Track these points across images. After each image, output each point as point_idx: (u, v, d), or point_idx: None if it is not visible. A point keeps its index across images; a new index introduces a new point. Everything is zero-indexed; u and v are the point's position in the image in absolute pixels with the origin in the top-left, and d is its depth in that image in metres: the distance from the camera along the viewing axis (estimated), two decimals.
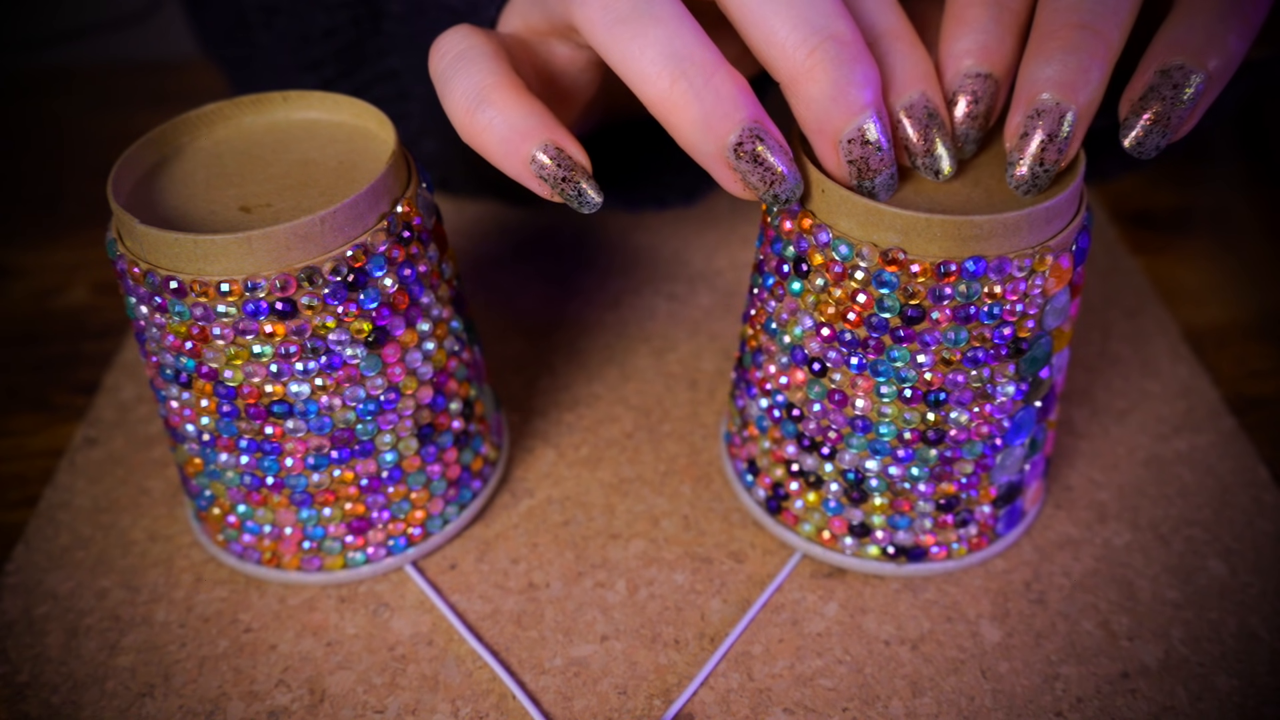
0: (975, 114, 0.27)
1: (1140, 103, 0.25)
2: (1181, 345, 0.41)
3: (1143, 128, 0.25)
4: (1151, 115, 0.25)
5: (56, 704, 0.30)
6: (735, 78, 0.25)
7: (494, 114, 0.26)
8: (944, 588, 0.33)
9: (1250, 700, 0.29)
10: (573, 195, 0.27)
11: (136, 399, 0.40)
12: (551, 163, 0.26)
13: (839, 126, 0.25)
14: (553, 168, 0.26)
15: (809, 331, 0.29)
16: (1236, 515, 0.35)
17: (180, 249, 0.26)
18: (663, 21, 0.25)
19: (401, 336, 0.30)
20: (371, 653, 0.31)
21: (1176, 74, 0.25)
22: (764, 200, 0.26)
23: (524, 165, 0.26)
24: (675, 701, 0.29)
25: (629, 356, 0.42)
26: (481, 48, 0.27)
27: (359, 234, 0.28)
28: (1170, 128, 0.25)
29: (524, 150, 0.26)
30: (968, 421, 0.29)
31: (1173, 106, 0.25)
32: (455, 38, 0.28)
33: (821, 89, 0.25)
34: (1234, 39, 0.25)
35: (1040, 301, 0.27)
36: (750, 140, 0.25)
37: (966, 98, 0.27)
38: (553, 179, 0.26)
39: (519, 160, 0.26)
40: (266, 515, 0.31)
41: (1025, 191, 0.27)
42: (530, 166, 0.26)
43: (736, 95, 0.25)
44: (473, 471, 0.34)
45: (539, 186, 0.27)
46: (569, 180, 0.26)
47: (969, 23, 0.27)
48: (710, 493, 0.36)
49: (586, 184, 0.27)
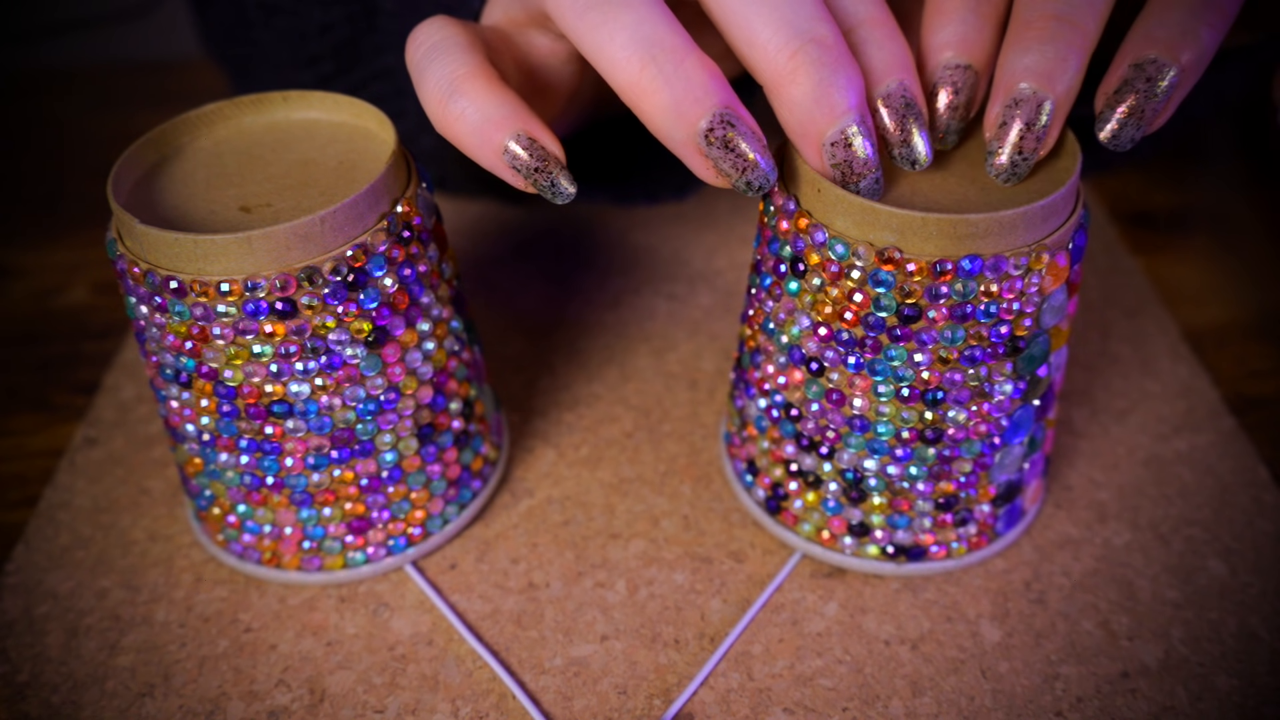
0: (956, 105, 0.28)
1: (1115, 96, 0.26)
2: (1181, 345, 0.41)
3: (1118, 121, 0.26)
4: (1126, 109, 0.25)
5: (56, 704, 0.30)
6: (706, 63, 0.25)
7: (466, 104, 0.26)
8: (944, 587, 0.33)
9: (1250, 700, 0.29)
10: (546, 186, 0.27)
11: (136, 399, 0.40)
12: (524, 153, 0.26)
13: (822, 129, 0.25)
14: (525, 158, 0.26)
15: (806, 331, 0.29)
16: (1236, 515, 0.35)
17: (180, 249, 0.27)
18: (632, 7, 0.25)
19: (401, 336, 0.30)
20: (371, 653, 0.31)
21: (1150, 68, 0.25)
22: (737, 188, 0.26)
23: (497, 155, 0.26)
24: (675, 701, 0.29)
25: (629, 356, 0.42)
26: (456, 38, 0.27)
27: (359, 234, 0.28)
28: (1145, 120, 0.25)
29: (496, 140, 0.26)
30: (966, 420, 0.29)
31: (1146, 100, 0.25)
32: (431, 29, 0.28)
33: (804, 92, 0.25)
34: (1207, 32, 0.25)
35: (1037, 300, 0.27)
36: (721, 126, 0.25)
37: (947, 89, 0.27)
38: (526, 169, 0.26)
39: (492, 150, 0.26)
40: (266, 515, 0.31)
41: (1005, 180, 0.27)
42: (503, 157, 0.26)
43: (707, 81, 0.25)
44: (473, 471, 0.34)
45: (512, 177, 0.27)
46: (542, 170, 0.26)
47: (948, 14, 0.27)
48: (710, 493, 0.36)
49: (560, 175, 0.26)
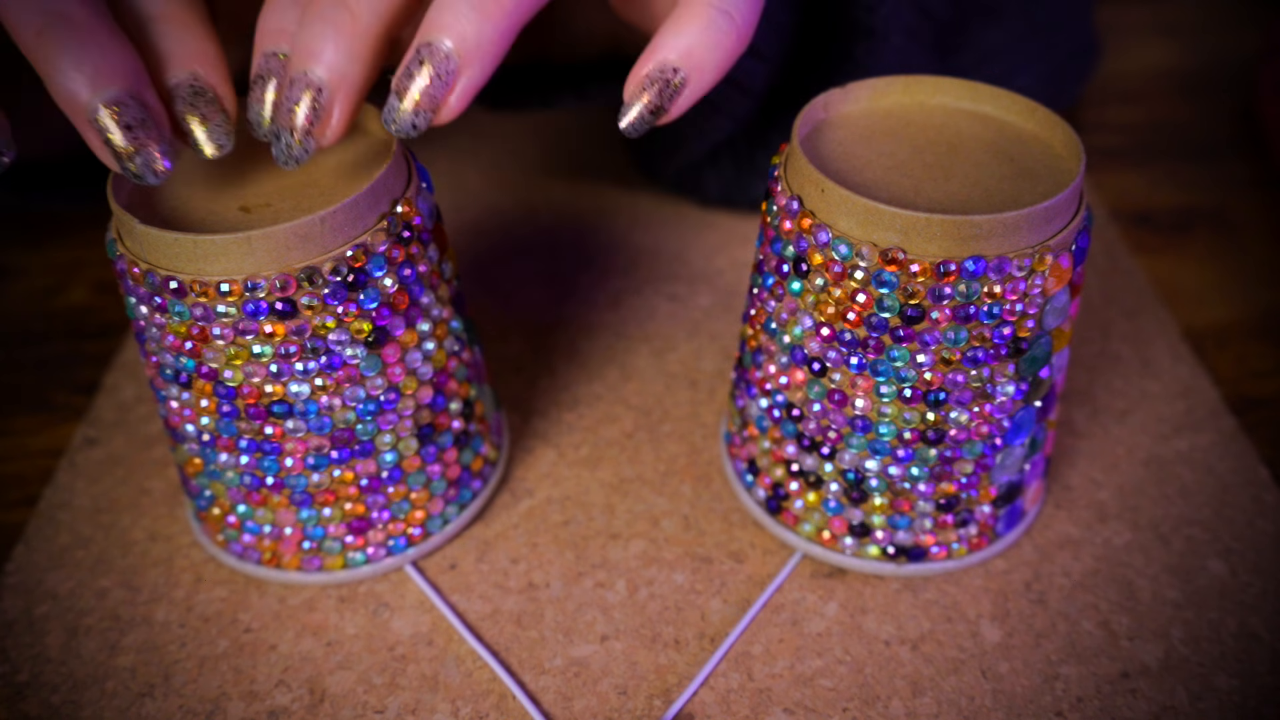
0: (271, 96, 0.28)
1: (635, 91, 0.27)
2: (1181, 345, 0.41)
3: (637, 113, 0.27)
4: (646, 105, 0.27)
5: (56, 704, 0.30)
6: (115, 43, 0.25)
7: None
8: (944, 588, 0.33)
9: (1250, 700, 0.29)
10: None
11: (136, 399, 0.40)
12: None
13: (79, 107, 0.25)
14: None
15: (809, 331, 0.29)
16: (1236, 515, 0.35)
17: (180, 249, 0.26)
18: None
19: (401, 336, 0.30)
20: (371, 653, 0.31)
21: (669, 72, 0.27)
22: (125, 171, 0.26)
23: None
24: (675, 702, 0.29)
25: (629, 356, 0.42)
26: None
27: (359, 234, 0.28)
28: (658, 116, 0.27)
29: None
30: (968, 421, 0.29)
31: (662, 97, 0.27)
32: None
33: (54, 69, 0.25)
34: (718, 54, 0.27)
35: (1040, 301, 0.27)
36: (113, 108, 0.25)
37: (275, 80, 0.28)
38: None
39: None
40: (266, 515, 0.31)
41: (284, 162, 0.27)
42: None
43: (110, 61, 0.25)
44: (473, 471, 0.34)
45: None
46: None
47: (271, 5, 0.28)
48: (710, 493, 0.36)
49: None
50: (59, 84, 0.25)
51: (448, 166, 0.53)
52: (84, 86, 0.25)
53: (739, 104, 0.38)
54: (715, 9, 0.26)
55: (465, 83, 0.26)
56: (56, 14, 0.25)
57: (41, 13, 0.25)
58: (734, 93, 0.37)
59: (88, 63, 0.25)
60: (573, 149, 0.54)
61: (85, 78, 0.25)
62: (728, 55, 0.27)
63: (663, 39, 0.27)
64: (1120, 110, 0.58)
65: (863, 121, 0.31)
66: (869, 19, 0.40)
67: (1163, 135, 0.56)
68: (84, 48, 0.25)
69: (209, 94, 0.28)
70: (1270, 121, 0.53)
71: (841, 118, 0.31)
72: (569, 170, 0.53)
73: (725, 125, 0.39)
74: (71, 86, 0.25)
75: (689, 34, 0.26)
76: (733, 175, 0.46)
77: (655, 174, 0.50)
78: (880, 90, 0.31)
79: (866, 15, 0.40)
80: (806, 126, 0.30)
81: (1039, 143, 0.30)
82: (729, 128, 0.40)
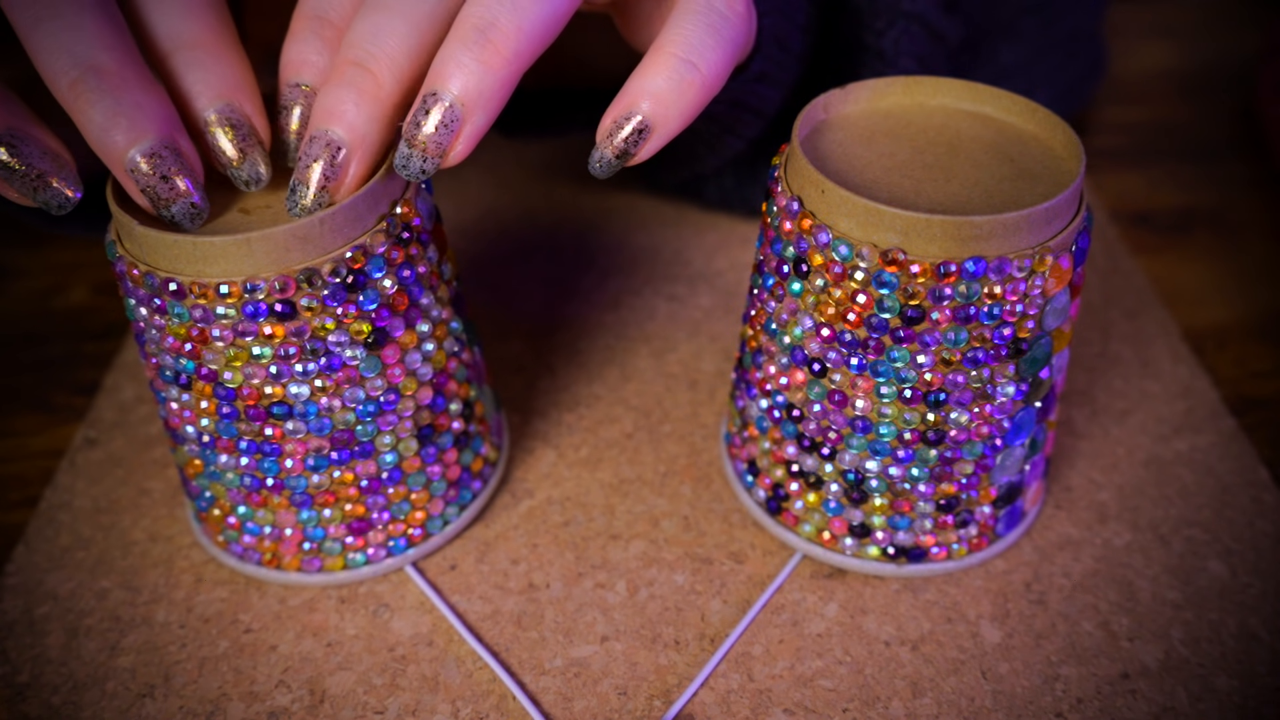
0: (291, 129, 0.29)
1: (603, 137, 0.27)
2: (1181, 346, 0.41)
3: (601, 157, 0.28)
4: (612, 150, 0.27)
5: (57, 704, 0.30)
6: (150, 93, 0.25)
7: None
8: (944, 588, 0.33)
9: (1250, 700, 0.29)
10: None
11: (136, 399, 0.40)
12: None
13: (118, 156, 0.25)
14: None
15: (809, 332, 0.29)
16: (1236, 516, 0.35)
17: (179, 251, 0.26)
18: (79, 28, 0.25)
19: (401, 338, 0.30)
20: (372, 653, 0.31)
21: (635, 119, 0.27)
22: (164, 217, 0.26)
23: None
24: (675, 702, 0.29)
25: (629, 357, 0.42)
26: None
27: (358, 235, 0.28)
28: (624, 160, 0.27)
29: None
30: (968, 422, 0.29)
31: (628, 143, 0.27)
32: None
33: (89, 120, 0.25)
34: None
35: (1040, 302, 0.27)
36: (151, 157, 0.25)
37: (299, 109, 0.28)
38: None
39: None
40: (267, 516, 0.31)
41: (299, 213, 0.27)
42: None
43: (146, 110, 0.25)
44: (473, 472, 0.34)
45: None
46: None
47: (293, 35, 0.28)
48: (710, 493, 0.36)
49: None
50: (95, 137, 0.25)
51: None
52: (120, 139, 0.25)
53: (752, 126, 0.38)
54: (679, 59, 0.27)
55: (470, 129, 0.26)
56: (89, 66, 0.25)
57: (74, 64, 0.25)
58: (748, 116, 0.38)
59: (123, 116, 0.25)
60: (573, 149, 0.54)
61: (121, 131, 0.25)
62: (693, 104, 0.27)
63: (631, 86, 0.27)
64: (1120, 111, 0.58)
65: (863, 122, 0.31)
66: (877, 42, 0.40)
67: (1163, 136, 0.56)
68: (118, 102, 0.25)
69: (245, 126, 0.28)
70: (1270, 121, 0.53)
71: (841, 119, 0.31)
72: (569, 171, 0.53)
73: (736, 145, 0.40)
74: (107, 140, 0.25)
75: (656, 82, 0.27)
76: (733, 185, 0.47)
77: (657, 183, 0.50)
78: (880, 91, 0.31)
79: (875, 39, 0.40)
80: (807, 127, 0.30)
81: (1039, 143, 0.30)
82: (740, 147, 0.40)
